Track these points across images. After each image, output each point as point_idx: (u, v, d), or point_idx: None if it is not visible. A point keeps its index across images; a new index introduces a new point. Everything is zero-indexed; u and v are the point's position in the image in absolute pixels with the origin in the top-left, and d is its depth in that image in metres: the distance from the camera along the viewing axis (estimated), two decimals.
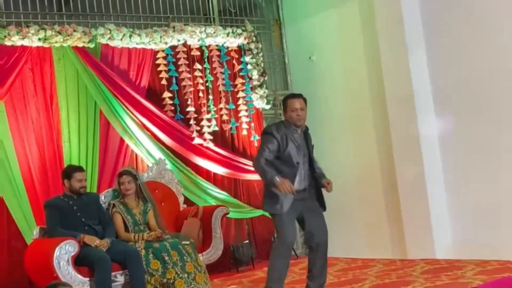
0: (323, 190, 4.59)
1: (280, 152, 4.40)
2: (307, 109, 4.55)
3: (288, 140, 4.43)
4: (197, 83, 6.81)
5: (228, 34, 6.97)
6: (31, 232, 5.29)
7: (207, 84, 6.89)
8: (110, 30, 6.15)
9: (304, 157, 4.49)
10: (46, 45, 5.84)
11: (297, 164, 4.41)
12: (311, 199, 4.57)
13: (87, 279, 4.74)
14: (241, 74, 7.14)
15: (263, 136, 4.53)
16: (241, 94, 7.11)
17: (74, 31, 5.93)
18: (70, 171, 5.14)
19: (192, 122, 6.65)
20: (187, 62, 6.72)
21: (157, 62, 6.58)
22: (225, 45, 7.02)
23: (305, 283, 4.77)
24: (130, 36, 6.28)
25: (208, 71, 6.90)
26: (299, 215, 4.54)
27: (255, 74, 7.17)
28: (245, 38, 7.12)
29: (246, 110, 7.12)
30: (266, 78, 7.27)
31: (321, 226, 4.59)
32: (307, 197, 4.53)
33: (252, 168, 4.99)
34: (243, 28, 7.15)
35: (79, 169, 5.21)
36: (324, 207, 4.63)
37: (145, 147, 6.34)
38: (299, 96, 4.62)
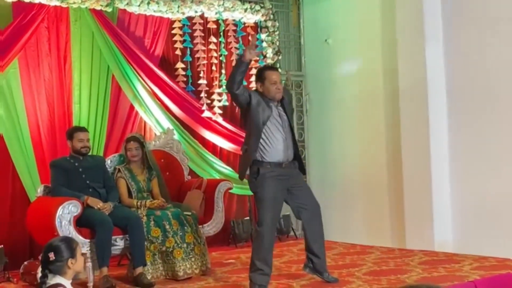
0: None
1: (254, 116, 4.32)
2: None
3: (264, 107, 4.33)
4: (211, 57, 6.79)
5: (246, 10, 6.93)
6: (35, 189, 5.34)
7: (221, 58, 6.88)
8: None
9: (284, 129, 4.44)
10: (64, 5, 5.81)
11: (282, 137, 4.38)
12: (295, 173, 4.55)
13: (88, 240, 4.78)
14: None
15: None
16: (254, 71, 7.07)
17: None
18: (72, 131, 5.17)
19: (203, 95, 6.65)
20: (203, 35, 6.70)
21: (173, 32, 6.55)
22: (242, 20, 6.99)
23: (302, 263, 4.80)
24: (148, 3, 6.24)
25: (223, 45, 6.88)
26: (286, 194, 4.50)
27: (269, 53, 7.14)
28: (262, 15, 7.07)
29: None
30: (280, 57, 7.24)
31: (311, 197, 4.62)
32: (291, 173, 4.49)
33: None
34: (262, 5, 7.10)
35: (81, 129, 5.22)
36: (304, 171, 4.68)
37: (154, 116, 6.35)
38: (276, 69, 4.61)
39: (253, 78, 6.89)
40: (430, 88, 6.05)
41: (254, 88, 4.65)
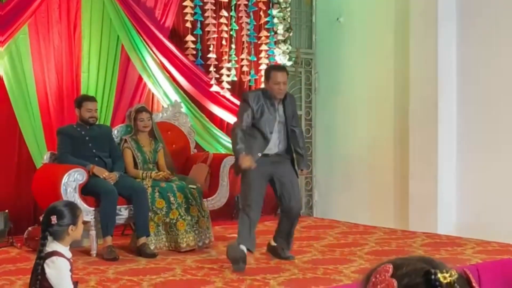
0: None
1: (255, 119, 4.50)
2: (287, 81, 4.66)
3: (264, 110, 4.49)
4: (221, 31, 6.74)
5: None
6: (41, 156, 5.35)
7: (231, 32, 6.83)
8: None
9: (279, 125, 4.56)
10: None
11: (270, 134, 4.50)
12: (284, 164, 4.59)
13: (92, 208, 4.81)
14: (266, 27, 7.06)
15: (241, 103, 4.67)
16: (264, 47, 7.04)
17: None
18: (81, 100, 5.16)
19: (212, 69, 6.61)
20: (214, 8, 6.64)
21: (184, 3, 6.49)
22: None
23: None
24: None
25: (233, 19, 6.82)
26: (270, 178, 4.53)
27: (280, 29, 7.08)
28: None
29: (267, 64, 7.05)
30: (291, 34, 7.18)
31: (294, 191, 4.60)
32: (279, 161, 4.56)
33: None
34: None
35: (90, 98, 5.21)
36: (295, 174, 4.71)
37: (162, 88, 6.33)
38: (283, 69, 4.73)
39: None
40: (441, 72, 6.02)
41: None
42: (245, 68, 6.94)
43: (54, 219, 2.76)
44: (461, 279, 1.11)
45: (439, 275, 1.08)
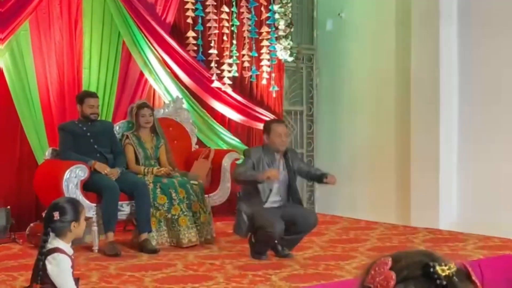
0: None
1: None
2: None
3: (264, 166, 4.51)
4: (223, 26, 6.73)
5: None
6: (42, 152, 5.36)
7: (232, 28, 6.82)
8: None
9: (279, 182, 4.55)
10: None
11: (270, 191, 4.53)
12: (285, 204, 4.64)
13: (94, 204, 4.81)
14: (267, 22, 7.04)
15: (243, 159, 4.73)
16: (265, 43, 7.03)
17: None
18: (82, 96, 5.15)
19: (213, 65, 6.60)
20: (215, 4, 6.63)
21: None
22: None
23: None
24: None
25: (235, 15, 6.81)
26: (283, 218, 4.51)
27: (281, 24, 7.06)
28: None
29: (268, 60, 7.06)
30: (292, 29, 7.17)
31: (306, 211, 4.76)
32: (280, 205, 4.61)
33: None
34: None
35: (92, 95, 5.20)
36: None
37: (164, 84, 6.32)
38: (283, 122, 4.87)
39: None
40: (442, 68, 6.01)
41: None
42: (246, 64, 6.93)
43: (56, 215, 2.76)
44: (460, 272, 1.11)
45: (438, 267, 1.08)
